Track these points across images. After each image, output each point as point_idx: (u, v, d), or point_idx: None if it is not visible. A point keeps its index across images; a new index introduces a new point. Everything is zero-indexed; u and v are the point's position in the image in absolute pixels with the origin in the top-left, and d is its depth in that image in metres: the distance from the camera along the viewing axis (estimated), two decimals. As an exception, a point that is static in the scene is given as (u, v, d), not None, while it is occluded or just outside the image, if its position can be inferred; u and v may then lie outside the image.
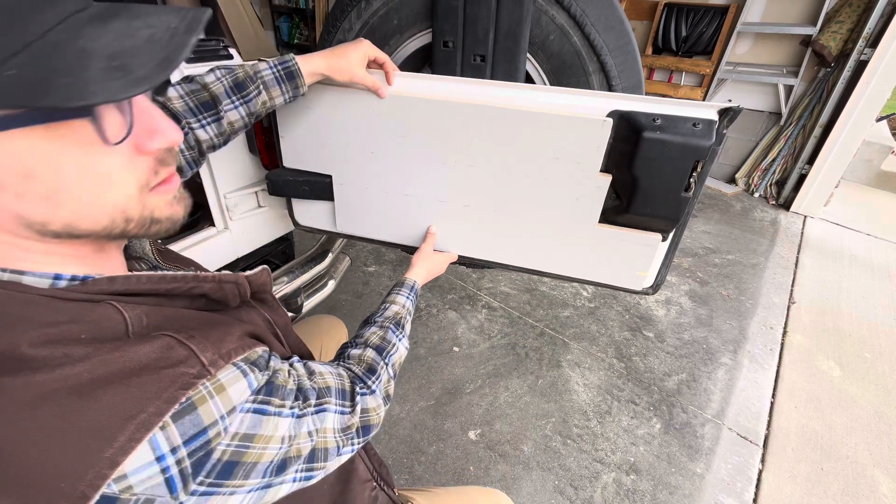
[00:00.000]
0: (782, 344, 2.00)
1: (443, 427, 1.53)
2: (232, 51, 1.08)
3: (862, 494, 1.40)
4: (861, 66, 2.79)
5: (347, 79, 0.79)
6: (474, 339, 1.91)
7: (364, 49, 0.78)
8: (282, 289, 1.23)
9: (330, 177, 0.98)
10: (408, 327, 0.77)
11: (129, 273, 0.41)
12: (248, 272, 0.53)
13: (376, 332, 0.70)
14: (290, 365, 0.49)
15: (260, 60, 0.91)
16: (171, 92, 0.68)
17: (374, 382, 0.60)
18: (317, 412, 0.47)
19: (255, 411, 0.39)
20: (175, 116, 0.68)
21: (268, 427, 0.40)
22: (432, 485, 1.34)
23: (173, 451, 0.33)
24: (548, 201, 0.86)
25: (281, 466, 0.42)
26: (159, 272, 0.42)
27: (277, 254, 1.44)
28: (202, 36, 0.37)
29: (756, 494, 1.39)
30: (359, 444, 0.54)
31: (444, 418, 1.56)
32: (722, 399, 1.70)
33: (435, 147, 0.87)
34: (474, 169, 0.87)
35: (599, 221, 0.85)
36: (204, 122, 0.71)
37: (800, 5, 3.06)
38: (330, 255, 1.38)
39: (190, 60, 0.97)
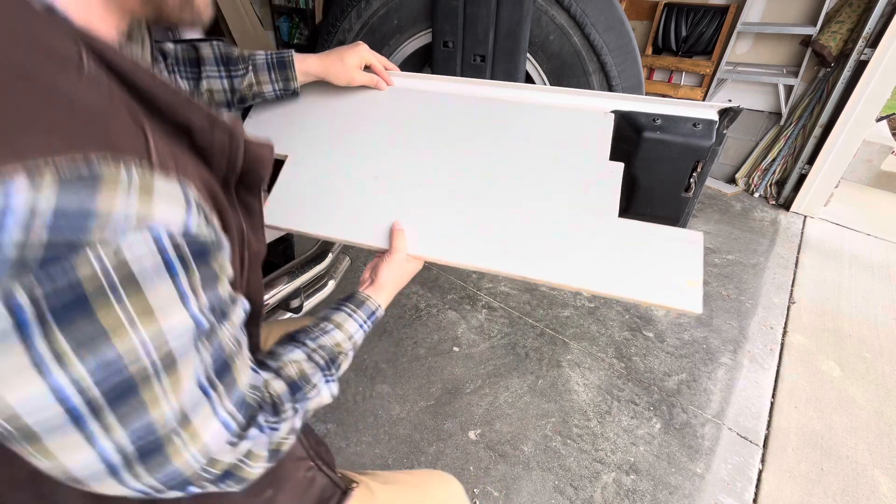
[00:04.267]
0: (782, 344, 2.00)
1: (443, 427, 1.53)
2: (232, 51, 1.08)
3: (862, 494, 1.40)
4: (861, 66, 2.79)
5: (345, 82, 0.80)
6: (474, 339, 1.91)
7: (361, 53, 0.79)
8: (282, 289, 1.23)
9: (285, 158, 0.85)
10: (345, 365, 0.58)
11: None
12: (250, 136, 0.39)
13: (300, 362, 0.51)
14: (233, 301, 0.38)
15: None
16: (168, 45, 0.69)
17: (268, 423, 0.44)
18: (218, 368, 0.34)
19: (166, 262, 0.28)
20: (163, 54, 0.68)
21: (158, 298, 0.28)
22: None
23: (31, 216, 0.22)
24: (553, 192, 0.74)
25: (126, 386, 0.28)
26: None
27: (277, 254, 1.44)
28: None
29: (756, 494, 1.38)
30: (210, 483, 0.37)
31: (444, 418, 1.56)
32: (722, 399, 1.70)
33: (418, 134, 0.80)
34: (464, 158, 0.78)
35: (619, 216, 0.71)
36: (182, 74, 0.70)
37: (800, 5, 3.06)
38: (330, 255, 1.38)
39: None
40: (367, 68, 0.82)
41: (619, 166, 0.72)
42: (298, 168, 0.82)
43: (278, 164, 0.82)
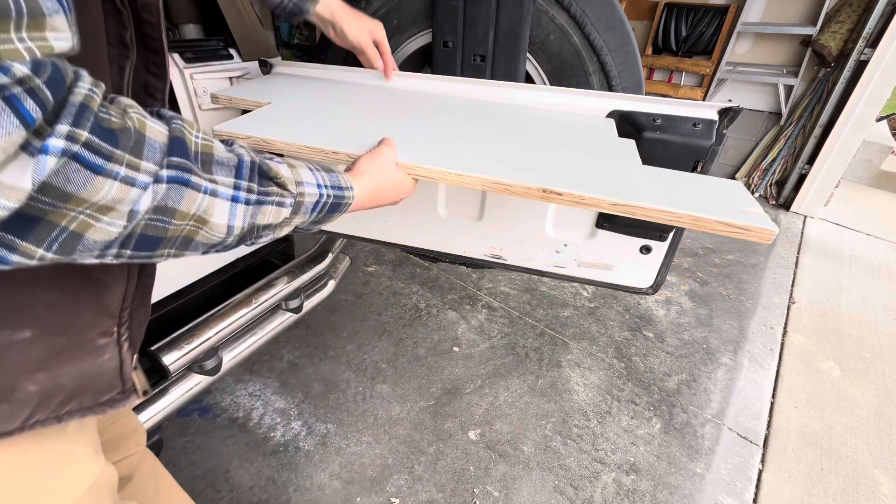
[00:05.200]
0: (782, 344, 2.00)
1: (443, 427, 1.53)
2: (231, 51, 1.08)
3: (862, 494, 1.40)
4: (861, 66, 2.79)
5: (354, 39, 0.83)
6: (474, 339, 1.91)
7: (378, 27, 0.84)
8: (282, 289, 1.23)
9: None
10: (271, 212, 0.40)
11: None
12: None
13: (212, 142, 0.36)
14: None
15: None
16: None
17: (66, 130, 0.26)
18: None
19: None
20: None
21: None
22: (425, 482, 1.34)
23: None
24: (569, 143, 0.68)
25: None
26: None
27: (277, 254, 1.44)
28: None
29: (756, 494, 1.38)
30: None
31: (444, 418, 1.56)
32: (722, 399, 1.70)
33: (418, 111, 0.81)
34: (468, 123, 0.75)
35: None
36: None
37: (800, 5, 3.06)
38: (330, 255, 1.38)
39: (190, 60, 0.97)
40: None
41: (631, 140, 0.70)
42: (278, 108, 0.76)
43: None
